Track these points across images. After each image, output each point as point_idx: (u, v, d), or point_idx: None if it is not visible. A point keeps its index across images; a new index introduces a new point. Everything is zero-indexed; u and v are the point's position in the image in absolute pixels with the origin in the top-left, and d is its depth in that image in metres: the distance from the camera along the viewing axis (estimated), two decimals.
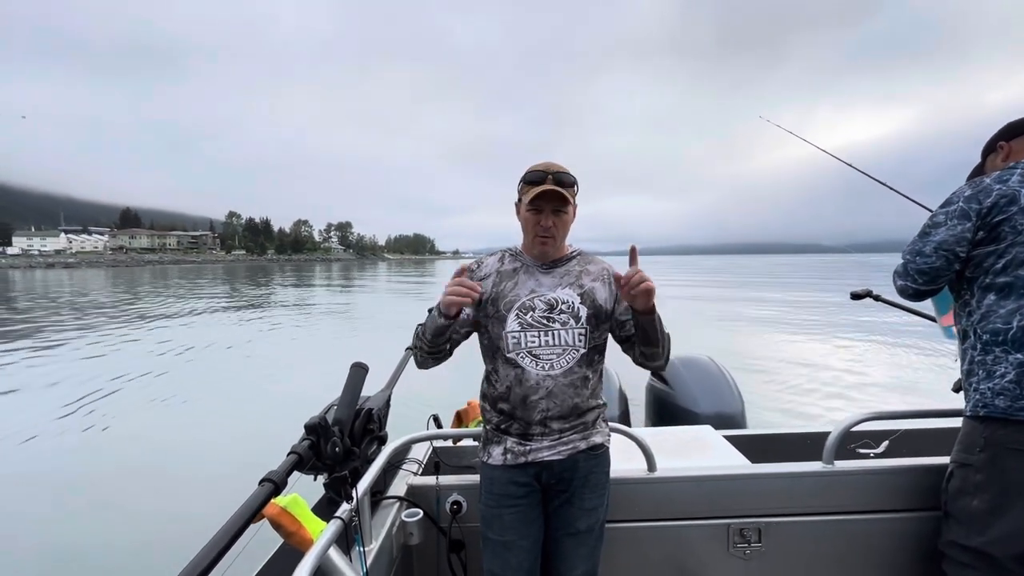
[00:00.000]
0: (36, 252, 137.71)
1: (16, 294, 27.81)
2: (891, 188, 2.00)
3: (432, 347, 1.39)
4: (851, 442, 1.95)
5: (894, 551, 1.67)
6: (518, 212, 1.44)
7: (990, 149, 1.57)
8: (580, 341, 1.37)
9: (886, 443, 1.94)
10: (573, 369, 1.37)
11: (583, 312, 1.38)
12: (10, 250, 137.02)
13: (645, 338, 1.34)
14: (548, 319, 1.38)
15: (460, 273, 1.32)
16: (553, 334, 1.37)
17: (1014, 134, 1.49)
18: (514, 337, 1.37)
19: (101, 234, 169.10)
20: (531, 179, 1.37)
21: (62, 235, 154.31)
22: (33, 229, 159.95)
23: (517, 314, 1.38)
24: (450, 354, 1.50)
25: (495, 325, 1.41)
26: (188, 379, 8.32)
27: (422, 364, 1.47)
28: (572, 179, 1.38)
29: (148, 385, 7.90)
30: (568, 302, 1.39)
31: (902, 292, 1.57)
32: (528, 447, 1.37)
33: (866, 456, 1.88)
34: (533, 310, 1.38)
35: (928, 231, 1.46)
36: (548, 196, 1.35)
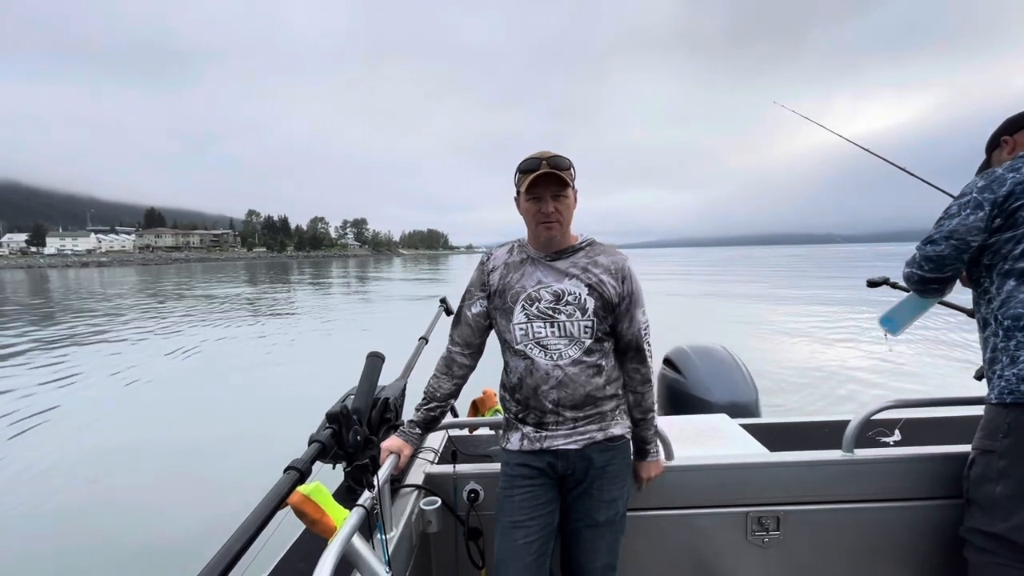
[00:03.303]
0: (69, 252, 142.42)
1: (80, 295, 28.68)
2: (907, 171, 1.96)
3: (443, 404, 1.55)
4: (870, 430, 1.92)
5: (914, 539, 1.65)
6: (518, 205, 1.43)
7: (994, 144, 1.58)
8: (586, 333, 1.37)
9: (898, 429, 1.91)
10: (582, 358, 1.37)
11: (590, 304, 1.37)
12: (46, 250, 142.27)
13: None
14: (554, 311, 1.37)
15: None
16: (559, 326, 1.37)
17: (1016, 128, 1.52)
18: (521, 328, 1.39)
19: (128, 234, 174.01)
20: (526, 167, 1.36)
21: (92, 235, 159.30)
22: (61, 229, 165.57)
23: (523, 306, 1.39)
24: (480, 350, 1.54)
25: (503, 317, 1.42)
26: (204, 375, 8.52)
27: None
28: (568, 162, 1.37)
29: (163, 383, 8.13)
30: (575, 293, 1.37)
31: (908, 280, 1.58)
32: (543, 434, 1.39)
33: (885, 444, 1.85)
34: (539, 301, 1.38)
35: (942, 221, 1.47)
36: (545, 181, 1.33)
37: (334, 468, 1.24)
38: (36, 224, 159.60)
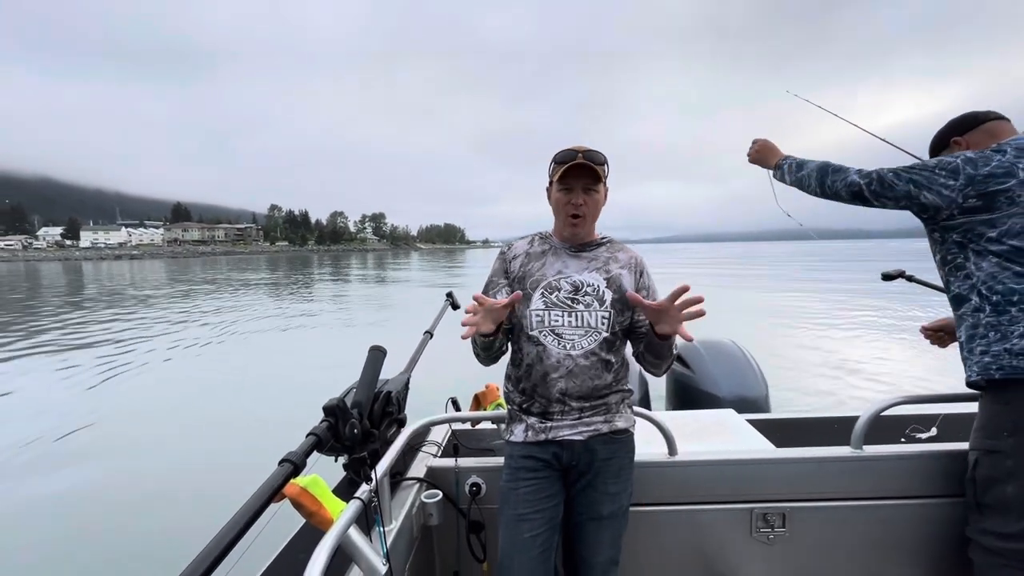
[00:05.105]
0: (103, 245, 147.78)
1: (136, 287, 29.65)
2: (917, 158, 1.88)
3: (490, 356, 1.42)
4: (882, 427, 1.87)
5: (920, 537, 1.62)
6: (549, 196, 1.45)
7: (943, 146, 1.54)
8: (603, 324, 1.38)
9: (935, 427, 1.85)
10: (594, 351, 1.37)
11: (608, 296, 1.39)
12: (80, 244, 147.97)
13: (655, 352, 1.37)
14: (573, 300, 1.39)
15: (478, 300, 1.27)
16: (577, 315, 1.38)
17: (965, 129, 1.50)
18: (538, 315, 1.39)
19: (156, 228, 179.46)
20: (561, 158, 1.38)
21: (123, 229, 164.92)
22: (92, 224, 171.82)
23: (542, 293, 1.40)
24: (505, 349, 1.51)
25: (521, 304, 1.42)
26: (210, 364, 8.58)
27: (484, 363, 1.47)
28: (603, 157, 1.38)
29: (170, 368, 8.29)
30: (594, 285, 1.39)
31: (849, 186, 1.48)
32: (548, 424, 1.39)
33: (919, 440, 1.81)
34: (558, 290, 1.40)
35: (913, 167, 1.43)
36: (578, 172, 1.35)
37: (336, 461, 1.27)
38: (70, 218, 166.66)
